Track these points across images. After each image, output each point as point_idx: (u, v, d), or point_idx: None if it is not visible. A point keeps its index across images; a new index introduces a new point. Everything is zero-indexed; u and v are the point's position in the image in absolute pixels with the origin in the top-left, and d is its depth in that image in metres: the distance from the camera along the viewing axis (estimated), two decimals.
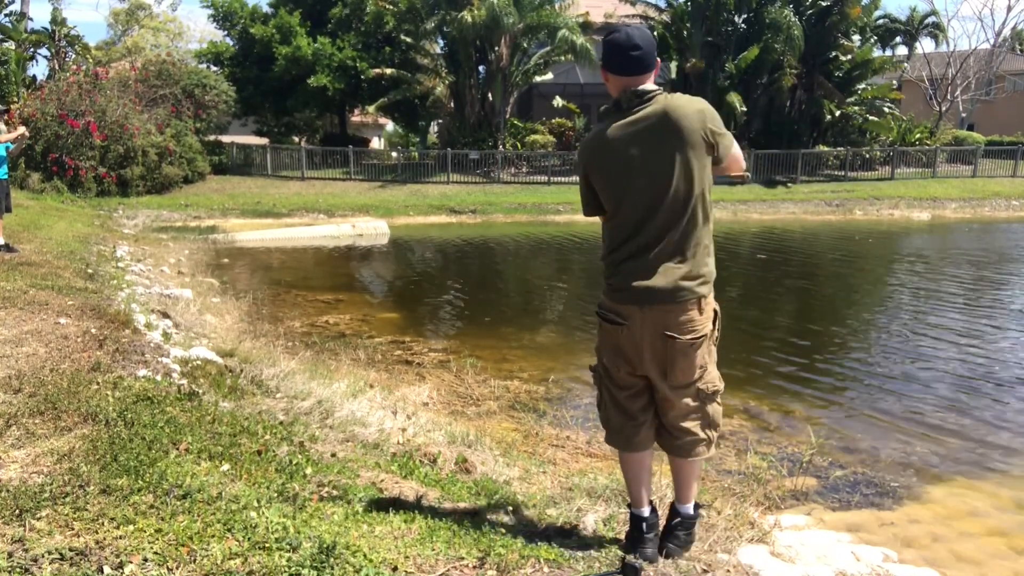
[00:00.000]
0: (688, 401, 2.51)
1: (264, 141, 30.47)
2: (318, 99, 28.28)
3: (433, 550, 2.43)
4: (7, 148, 8.64)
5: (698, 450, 2.57)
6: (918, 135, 30.27)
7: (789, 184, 26.82)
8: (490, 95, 27.63)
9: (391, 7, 27.11)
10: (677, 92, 2.55)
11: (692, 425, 2.54)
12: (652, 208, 2.40)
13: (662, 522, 2.71)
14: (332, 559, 2.15)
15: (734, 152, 2.47)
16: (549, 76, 29.22)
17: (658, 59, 2.50)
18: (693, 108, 2.39)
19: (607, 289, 2.53)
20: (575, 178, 26.40)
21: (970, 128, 35.33)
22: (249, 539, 2.24)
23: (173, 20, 44.17)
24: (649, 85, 2.45)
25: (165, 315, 6.89)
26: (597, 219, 2.63)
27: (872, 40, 32.22)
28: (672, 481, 2.74)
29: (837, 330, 9.13)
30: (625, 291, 2.45)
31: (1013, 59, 39.13)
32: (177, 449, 3.02)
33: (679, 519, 2.66)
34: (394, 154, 30.67)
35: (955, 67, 35.59)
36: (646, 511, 2.61)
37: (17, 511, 2.25)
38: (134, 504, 2.39)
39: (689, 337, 2.42)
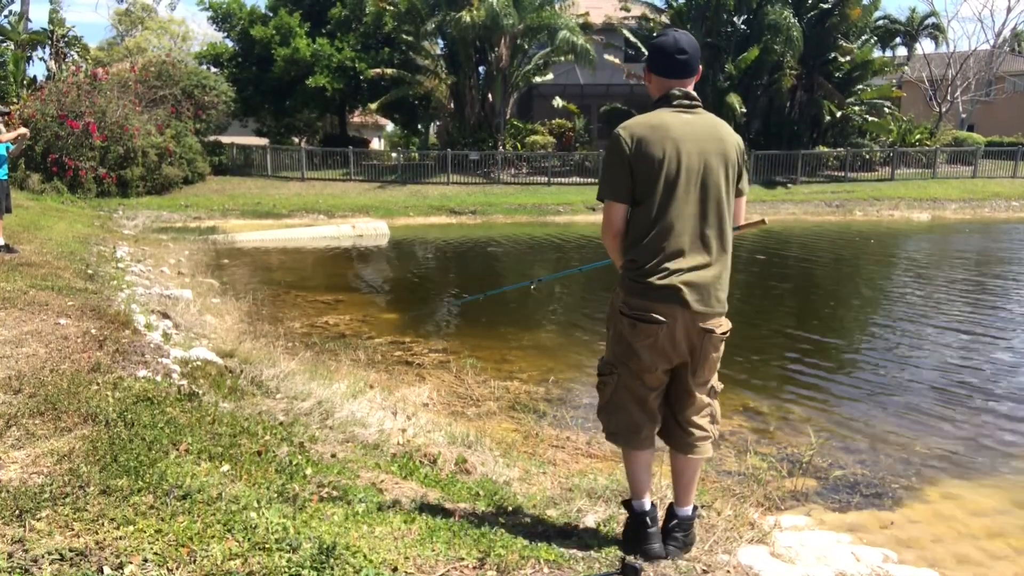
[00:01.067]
0: (704, 397, 2.61)
1: (264, 142, 30.50)
2: (317, 100, 28.30)
3: (433, 551, 2.42)
4: (7, 148, 8.64)
5: (706, 446, 2.64)
6: (918, 136, 30.28)
7: (789, 185, 26.84)
8: (490, 96, 27.63)
9: (391, 7, 27.09)
10: None
11: (704, 421, 2.63)
12: (699, 209, 2.47)
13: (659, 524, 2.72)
14: (332, 560, 2.15)
15: (743, 200, 2.65)
16: (549, 77, 29.20)
17: (700, 66, 2.56)
18: (736, 134, 2.56)
19: (641, 288, 2.47)
20: (575, 179, 26.64)
21: (970, 129, 35.33)
22: (249, 540, 2.24)
23: (180, 23, 44.28)
24: (691, 91, 2.54)
25: (165, 316, 6.89)
26: (598, 217, 2.63)
27: (872, 41, 32.20)
28: (672, 483, 2.76)
29: (837, 331, 9.13)
30: (669, 290, 2.44)
31: (1013, 60, 39.12)
32: (177, 450, 3.02)
33: (676, 520, 2.68)
34: (394, 155, 30.67)
35: (955, 68, 35.59)
36: (648, 504, 2.66)
37: (17, 512, 2.25)
38: (134, 505, 2.39)
39: (721, 332, 2.53)
